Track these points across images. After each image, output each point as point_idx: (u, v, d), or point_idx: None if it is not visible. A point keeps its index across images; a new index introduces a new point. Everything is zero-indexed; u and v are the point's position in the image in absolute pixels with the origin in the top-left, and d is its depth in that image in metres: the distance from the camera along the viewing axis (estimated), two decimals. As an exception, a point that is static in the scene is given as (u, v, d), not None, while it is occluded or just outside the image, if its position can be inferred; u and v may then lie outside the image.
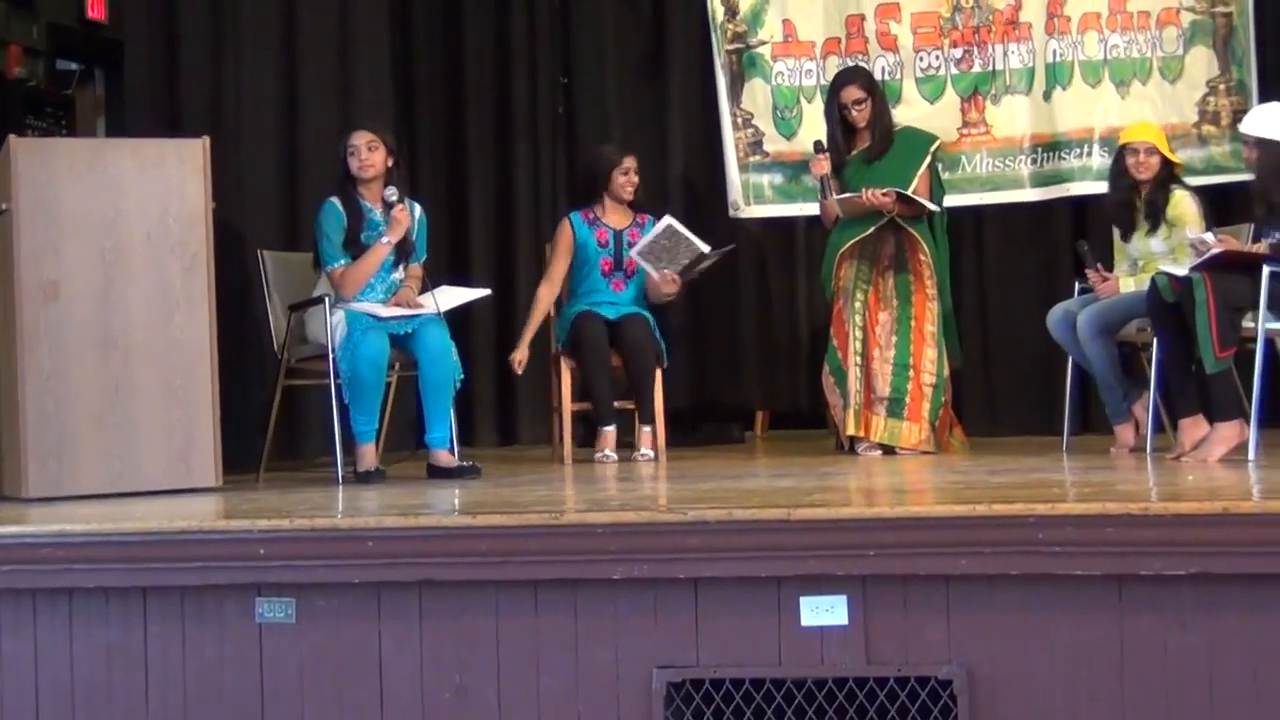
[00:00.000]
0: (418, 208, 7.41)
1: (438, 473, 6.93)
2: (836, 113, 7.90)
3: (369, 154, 7.21)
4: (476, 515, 5.05)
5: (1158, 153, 7.42)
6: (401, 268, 7.31)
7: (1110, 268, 7.54)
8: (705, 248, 7.85)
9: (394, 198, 7.18)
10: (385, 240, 7.15)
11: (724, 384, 9.27)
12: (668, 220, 7.84)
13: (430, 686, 5.01)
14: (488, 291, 7.73)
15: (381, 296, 7.21)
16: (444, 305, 7.12)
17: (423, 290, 7.23)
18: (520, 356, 7.95)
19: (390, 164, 7.28)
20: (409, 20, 9.38)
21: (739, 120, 8.84)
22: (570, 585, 4.95)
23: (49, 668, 5.18)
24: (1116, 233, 7.60)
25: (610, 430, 7.75)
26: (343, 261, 7.13)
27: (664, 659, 4.92)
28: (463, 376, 7.12)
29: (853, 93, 7.85)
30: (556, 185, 9.45)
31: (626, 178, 8.08)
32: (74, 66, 10.73)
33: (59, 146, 7.18)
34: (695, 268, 7.89)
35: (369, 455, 6.96)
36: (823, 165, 7.81)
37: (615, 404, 7.87)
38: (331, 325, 7.00)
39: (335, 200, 7.20)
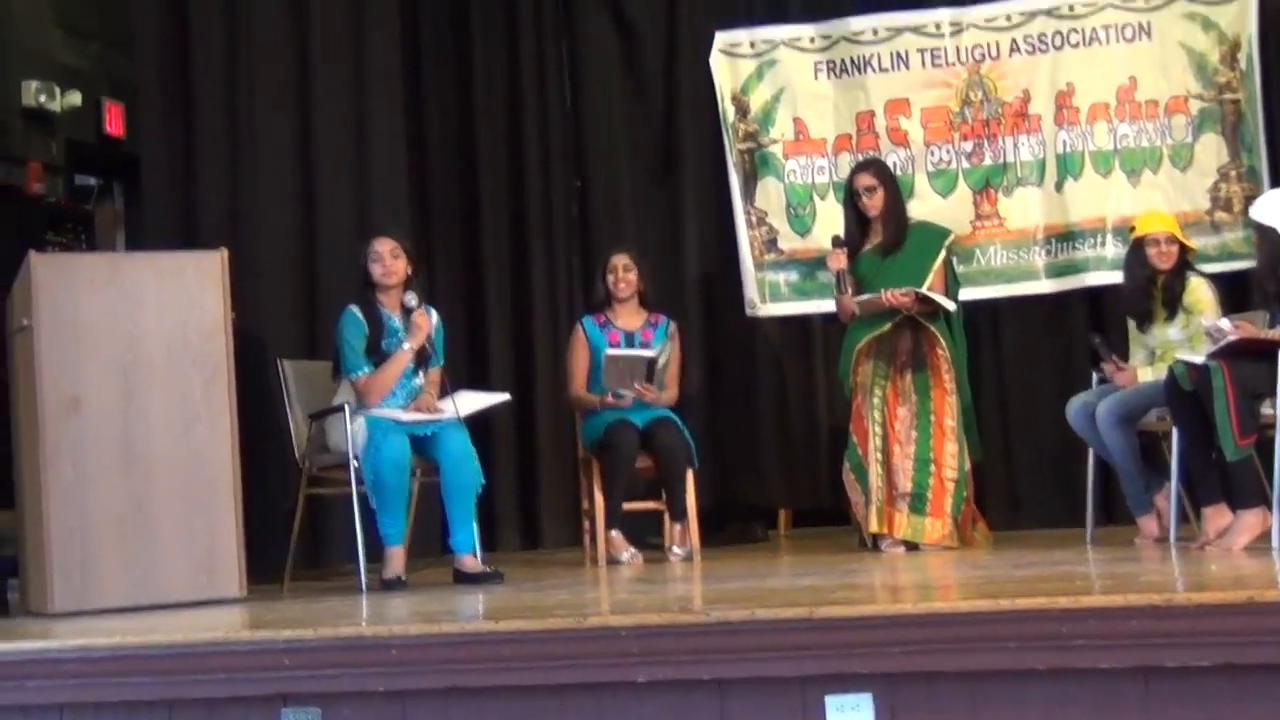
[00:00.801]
0: (434, 313, 7.44)
1: (463, 578, 6.93)
2: (850, 201, 7.95)
3: (392, 261, 7.27)
4: (500, 621, 5.04)
5: (1176, 241, 7.44)
6: (421, 373, 7.34)
7: (1126, 358, 7.54)
8: (649, 354, 7.93)
9: (414, 303, 7.22)
10: (406, 347, 7.19)
11: (746, 483, 9.25)
12: (605, 353, 7.90)
13: (457, 794, 4.99)
14: (507, 397, 7.76)
15: (402, 402, 7.24)
16: (464, 410, 7.14)
17: (442, 395, 7.25)
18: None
19: (410, 270, 7.33)
20: (423, 127, 9.45)
21: (753, 219, 8.89)
22: (595, 689, 4.92)
23: (76, 783, 5.17)
24: (1132, 323, 7.61)
25: (619, 534, 7.81)
26: (366, 369, 7.16)
27: (691, 761, 4.89)
28: (484, 482, 7.13)
29: (865, 179, 7.91)
30: (573, 288, 9.50)
31: (615, 275, 8.15)
32: (93, 182, 10.83)
33: (79, 261, 7.24)
34: (655, 369, 7.92)
35: (397, 559, 6.94)
36: (840, 259, 7.85)
37: (643, 505, 7.98)
38: (353, 432, 7.01)
39: (354, 308, 7.24)
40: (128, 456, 6.50)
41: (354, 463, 6.98)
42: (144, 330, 6.58)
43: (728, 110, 8.94)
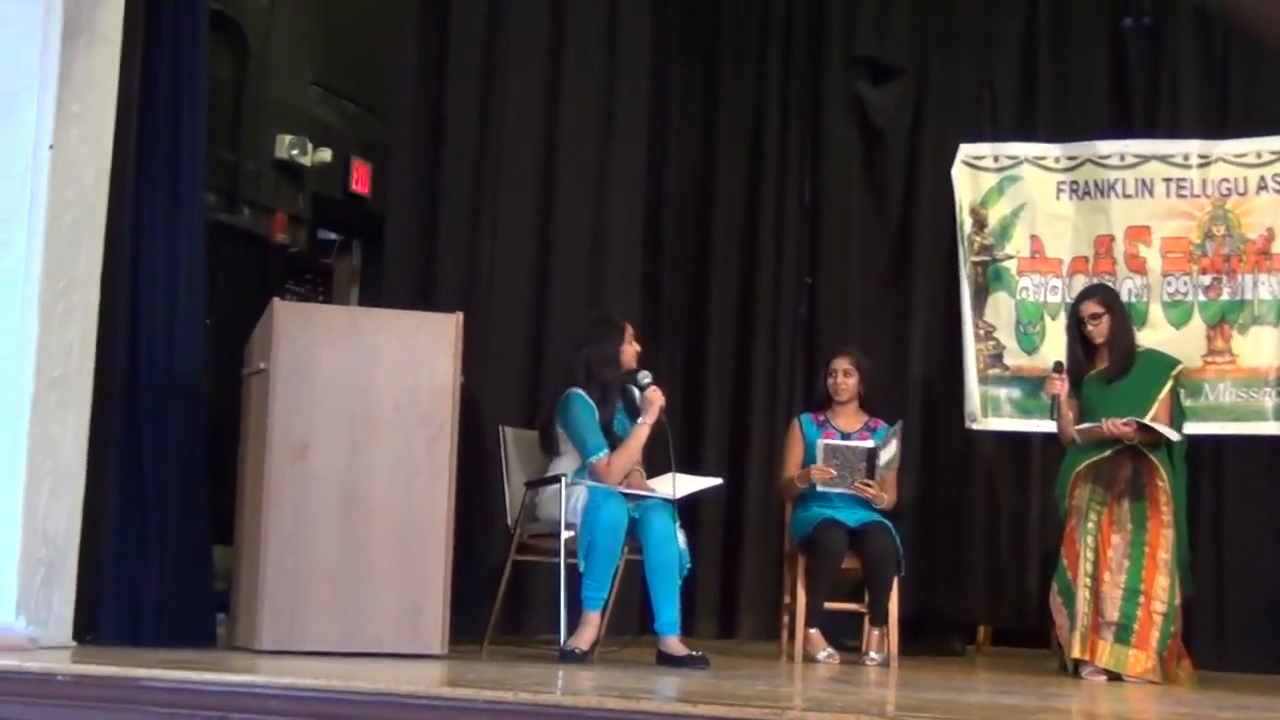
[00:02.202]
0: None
1: (665, 660, 6.95)
2: (1076, 328, 7.91)
3: (637, 345, 7.40)
4: (697, 704, 5.04)
5: None
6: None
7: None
8: (868, 444, 7.92)
9: (648, 380, 7.30)
10: (644, 422, 7.26)
11: (949, 595, 9.19)
12: (822, 442, 7.89)
13: None
14: (719, 481, 7.80)
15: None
16: (680, 491, 7.19)
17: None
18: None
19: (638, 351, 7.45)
20: (661, 209, 9.61)
21: (981, 332, 8.83)
22: (786, 782, 4.91)
23: (270, 819, 5.25)
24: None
25: (817, 633, 7.80)
26: (606, 451, 7.22)
27: None
28: (690, 565, 7.16)
29: (1090, 307, 7.87)
30: (794, 383, 9.56)
31: (835, 379, 8.17)
32: (334, 237, 11.10)
33: (320, 312, 7.41)
34: (877, 464, 7.90)
35: (593, 625, 7.01)
36: (1057, 386, 7.82)
37: (845, 605, 7.96)
38: (574, 498, 7.10)
39: (582, 393, 7.31)
40: (347, 506, 6.62)
41: (565, 533, 7.05)
42: (375, 384, 6.70)
43: (965, 221, 8.91)
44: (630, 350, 7.40)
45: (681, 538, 7.10)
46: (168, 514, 6.76)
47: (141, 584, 6.69)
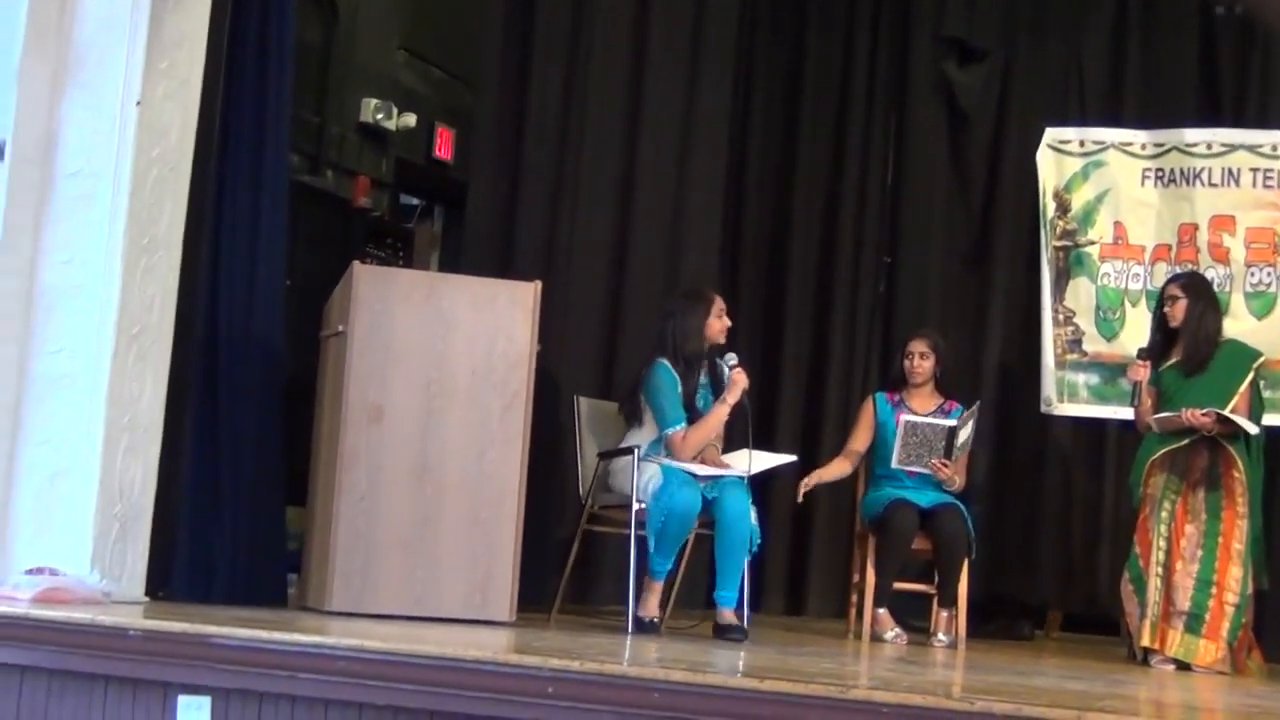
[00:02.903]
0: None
1: (720, 631, 6.98)
2: (1159, 308, 7.86)
3: (727, 320, 7.38)
4: (764, 680, 5.04)
5: None
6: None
7: None
8: (949, 423, 7.88)
9: (734, 361, 7.29)
10: (726, 401, 7.25)
11: (1019, 579, 9.15)
12: (904, 419, 7.86)
13: None
14: (794, 458, 7.79)
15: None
16: (755, 467, 7.18)
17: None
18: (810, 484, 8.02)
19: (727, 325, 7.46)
20: (743, 185, 9.59)
21: (1060, 317, 8.79)
22: (849, 761, 4.91)
23: (336, 777, 5.29)
24: None
25: (885, 612, 7.78)
26: (684, 425, 7.22)
27: None
28: (760, 541, 7.16)
29: (1171, 288, 7.83)
30: (870, 362, 9.53)
31: (911, 362, 8.14)
32: (416, 202, 11.15)
33: (399, 276, 7.42)
34: (955, 444, 7.87)
35: (657, 593, 7.05)
36: (1140, 372, 7.76)
37: (914, 586, 7.95)
38: (646, 477, 7.11)
39: (667, 363, 7.31)
40: (421, 471, 6.64)
41: (636, 505, 7.06)
42: (452, 350, 6.72)
43: (1048, 205, 8.85)
44: (718, 324, 7.38)
45: (753, 514, 7.10)
46: (242, 473, 6.82)
47: (215, 542, 6.75)
